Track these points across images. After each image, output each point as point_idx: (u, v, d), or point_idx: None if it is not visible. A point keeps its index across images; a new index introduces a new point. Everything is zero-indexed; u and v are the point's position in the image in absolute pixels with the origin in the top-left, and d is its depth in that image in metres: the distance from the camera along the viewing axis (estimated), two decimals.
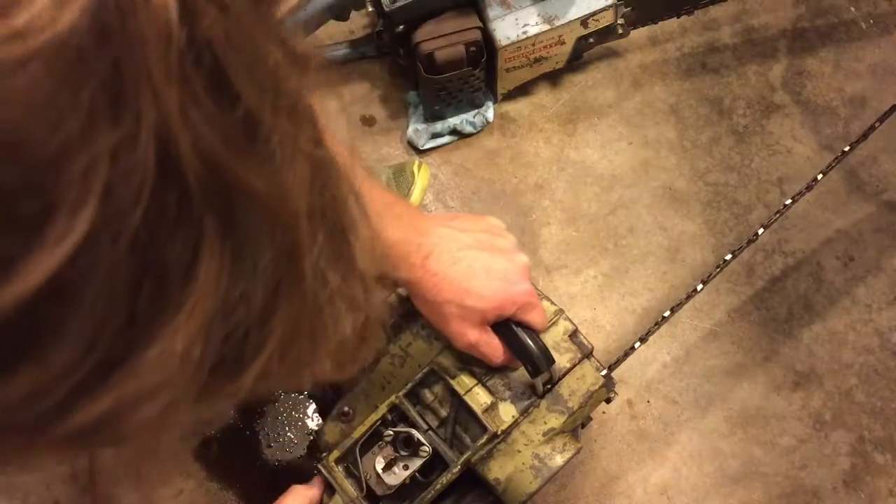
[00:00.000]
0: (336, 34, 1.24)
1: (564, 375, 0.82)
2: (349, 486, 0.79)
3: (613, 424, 1.04)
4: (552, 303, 0.84)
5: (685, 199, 1.16)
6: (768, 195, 1.16)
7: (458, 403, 0.79)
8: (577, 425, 0.84)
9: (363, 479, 0.78)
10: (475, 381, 0.80)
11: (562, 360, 0.82)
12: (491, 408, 0.79)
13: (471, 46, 1.10)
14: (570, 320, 0.84)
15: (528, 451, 0.80)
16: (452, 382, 0.80)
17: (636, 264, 1.12)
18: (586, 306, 1.09)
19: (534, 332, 0.78)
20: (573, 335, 0.84)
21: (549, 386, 0.81)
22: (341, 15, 1.16)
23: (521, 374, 0.80)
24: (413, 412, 0.79)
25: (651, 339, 1.07)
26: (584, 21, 1.14)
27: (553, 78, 1.23)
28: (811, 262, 1.12)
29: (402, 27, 1.13)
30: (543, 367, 0.77)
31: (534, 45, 1.14)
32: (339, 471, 0.79)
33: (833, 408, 1.04)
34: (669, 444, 1.02)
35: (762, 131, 1.20)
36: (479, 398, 0.79)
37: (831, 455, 1.02)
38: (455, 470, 0.78)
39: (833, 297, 1.10)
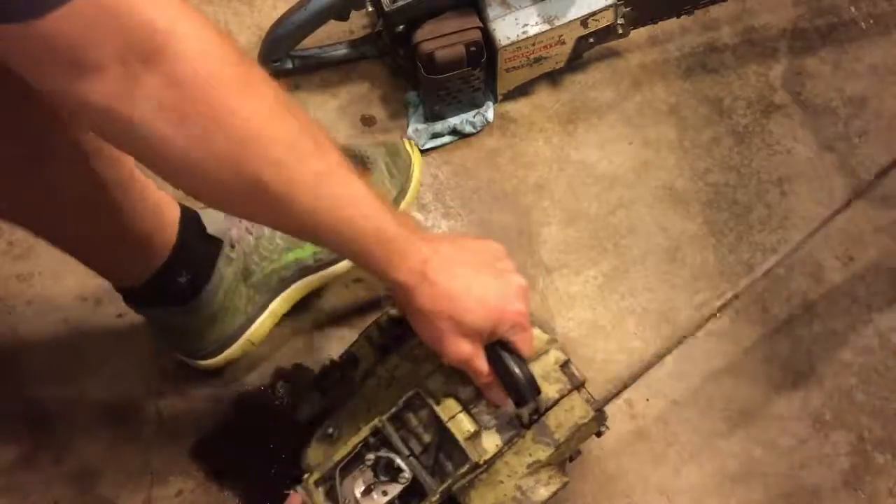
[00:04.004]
0: (336, 34, 1.24)
1: (552, 406, 0.80)
2: None
3: (613, 424, 1.03)
4: (545, 332, 0.82)
5: (685, 199, 1.16)
6: (768, 195, 1.16)
7: (442, 430, 0.77)
8: (564, 458, 0.83)
9: (342, 503, 0.77)
10: (460, 408, 0.78)
11: (550, 391, 0.80)
12: (474, 436, 0.77)
13: (471, 46, 1.10)
14: (562, 351, 0.82)
15: (510, 483, 0.78)
16: (437, 408, 0.77)
17: (636, 264, 1.12)
18: (586, 306, 1.09)
19: (521, 360, 0.76)
20: (564, 365, 0.82)
21: (535, 416, 0.79)
22: (341, 15, 1.16)
23: (508, 402, 0.78)
24: (395, 437, 0.77)
25: (652, 338, 1.07)
26: (584, 21, 1.14)
27: (553, 78, 1.23)
28: (811, 262, 1.12)
29: (402, 27, 1.13)
30: (528, 396, 0.75)
31: (534, 45, 1.14)
32: (318, 493, 0.77)
33: (833, 408, 1.04)
34: (669, 444, 1.02)
35: (762, 131, 1.20)
36: (462, 425, 0.77)
37: (831, 455, 1.01)
38: (434, 499, 0.75)
39: (833, 297, 1.10)
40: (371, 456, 0.77)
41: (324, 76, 1.23)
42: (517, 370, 0.75)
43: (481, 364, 0.75)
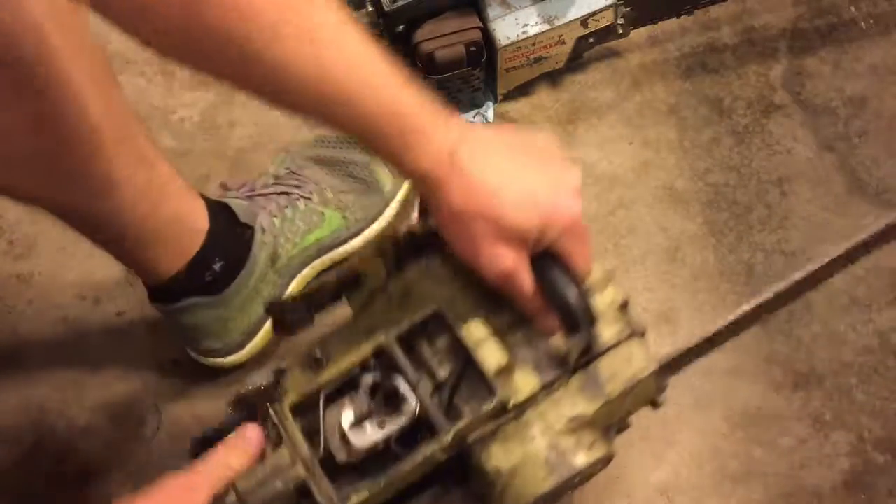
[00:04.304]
0: None
1: (606, 352, 0.65)
2: (302, 441, 0.59)
3: None
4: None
5: (685, 199, 1.16)
6: (768, 195, 1.16)
7: (464, 361, 0.61)
8: (612, 423, 0.68)
9: (322, 437, 0.59)
10: (490, 334, 0.61)
11: (605, 332, 0.64)
12: (505, 371, 0.61)
13: (471, 46, 1.10)
14: (621, 288, 0.67)
15: (544, 440, 0.61)
16: (461, 331, 0.61)
17: (636, 264, 1.12)
18: None
19: (576, 277, 0.62)
20: (623, 306, 0.66)
21: (585, 359, 0.64)
22: None
23: (551, 338, 0.64)
24: (403, 359, 0.60)
25: (651, 339, 1.07)
26: (584, 21, 1.14)
27: (553, 78, 1.23)
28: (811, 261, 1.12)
29: (402, 27, 1.13)
30: (582, 321, 0.61)
31: (534, 45, 1.14)
32: (293, 423, 0.61)
33: (833, 408, 1.04)
34: (669, 444, 1.02)
35: (762, 131, 1.20)
36: (492, 355, 0.60)
37: (831, 455, 1.01)
38: (445, 439, 0.58)
39: (833, 297, 1.10)
40: (369, 378, 0.60)
41: None
42: (570, 287, 0.60)
43: (525, 279, 0.61)
